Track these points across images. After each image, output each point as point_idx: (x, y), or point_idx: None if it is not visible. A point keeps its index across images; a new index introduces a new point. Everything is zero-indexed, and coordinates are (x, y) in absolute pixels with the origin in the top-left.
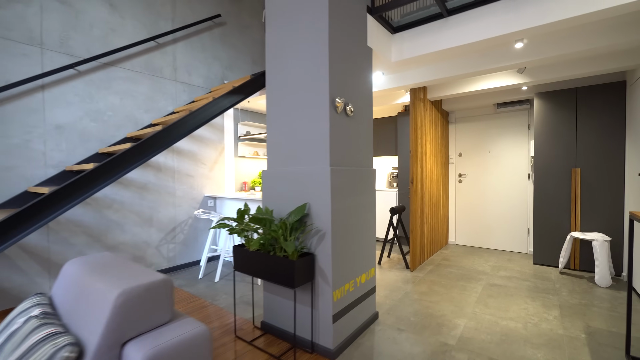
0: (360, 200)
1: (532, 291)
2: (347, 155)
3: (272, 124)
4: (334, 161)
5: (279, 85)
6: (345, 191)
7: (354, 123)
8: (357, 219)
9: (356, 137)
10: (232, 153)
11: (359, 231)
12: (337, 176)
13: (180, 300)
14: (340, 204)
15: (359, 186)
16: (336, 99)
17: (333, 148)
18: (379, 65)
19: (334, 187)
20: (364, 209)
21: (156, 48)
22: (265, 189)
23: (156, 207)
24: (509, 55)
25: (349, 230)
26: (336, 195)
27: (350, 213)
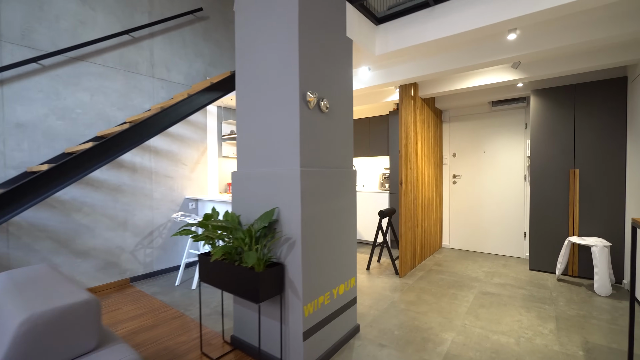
0: (339, 204)
1: (527, 300)
2: (322, 155)
3: (241, 120)
4: (306, 162)
5: (248, 78)
6: (320, 194)
7: (330, 120)
8: (335, 225)
9: (333, 135)
10: (216, 153)
11: (336, 238)
12: (308, 178)
13: (150, 310)
14: (312, 209)
15: (336, 189)
16: (308, 93)
17: (304, 147)
18: (363, 59)
19: (305, 191)
20: (342, 213)
21: (131, 42)
22: (235, 192)
23: (131, 210)
24: (502, 48)
25: (325, 238)
26: (308, 199)
27: (325, 218)
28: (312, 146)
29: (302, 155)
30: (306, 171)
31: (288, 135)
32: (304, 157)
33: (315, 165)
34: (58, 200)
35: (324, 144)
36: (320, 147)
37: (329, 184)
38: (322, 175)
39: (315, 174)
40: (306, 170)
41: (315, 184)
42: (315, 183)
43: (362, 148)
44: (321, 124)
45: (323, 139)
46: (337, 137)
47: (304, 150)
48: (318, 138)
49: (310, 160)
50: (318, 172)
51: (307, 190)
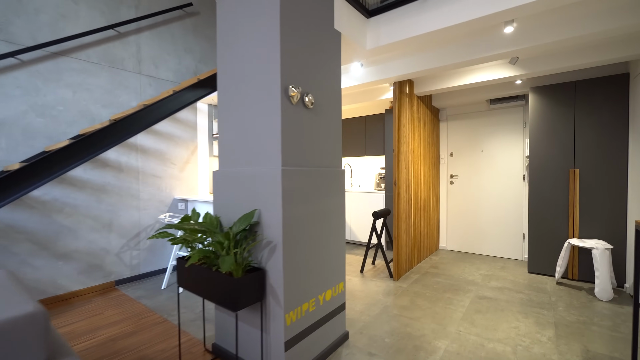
0: (326, 205)
1: (525, 305)
2: (307, 153)
3: (222, 117)
4: (289, 160)
5: (229, 73)
6: (304, 195)
7: (317, 117)
8: (322, 227)
9: (319, 132)
10: (207, 152)
11: (323, 241)
12: (291, 178)
13: (132, 316)
14: (296, 210)
15: (323, 189)
16: (290, 88)
17: (286, 145)
18: (354, 54)
19: (287, 191)
20: (330, 215)
21: (117, 38)
22: (216, 193)
23: (117, 210)
24: (499, 42)
25: (310, 241)
26: (290, 200)
27: (311, 220)
28: (295, 144)
29: (284, 154)
30: (288, 170)
31: (269, 132)
32: (287, 155)
33: (299, 164)
34: (38, 201)
35: (310, 141)
36: (305, 145)
37: (315, 184)
38: (307, 175)
39: (299, 174)
40: (289, 170)
41: (299, 184)
42: (299, 183)
43: (358, 147)
44: (306, 120)
45: (308, 137)
46: (324, 135)
47: (287, 148)
48: (302, 135)
49: (293, 158)
50: (302, 171)
51: (289, 191)
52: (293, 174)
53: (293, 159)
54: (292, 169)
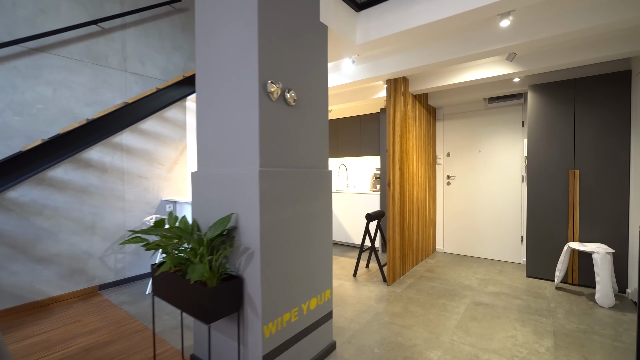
0: (310, 208)
1: (523, 312)
2: (290, 153)
3: (200, 115)
4: (268, 161)
5: (208, 68)
6: (286, 198)
7: (300, 114)
8: (305, 232)
9: (303, 131)
10: (196, 152)
11: (307, 247)
12: (270, 179)
13: (112, 323)
14: (275, 214)
15: (308, 191)
16: (269, 83)
17: (265, 144)
18: (343, 50)
19: (266, 194)
20: (315, 218)
21: (100, 34)
22: (194, 196)
23: (100, 212)
24: (495, 37)
25: (292, 247)
26: (269, 204)
27: (293, 224)
28: (276, 143)
29: (262, 154)
30: (267, 171)
31: (247, 131)
32: (266, 155)
33: (280, 164)
34: (15, 203)
35: (292, 141)
36: (287, 145)
37: (298, 185)
38: (289, 176)
39: (280, 175)
40: (267, 171)
41: (279, 186)
42: (280, 185)
43: (353, 147)
44: (288, 118)
45: (290, 136)
46: (309, 134)
47: (265, 147)
48: (284, 134)
49: (273, 159)
50: (283, 172)
51: (268, 193)
52: (272, 175)
53: (273, 160)
54: (271, 170)
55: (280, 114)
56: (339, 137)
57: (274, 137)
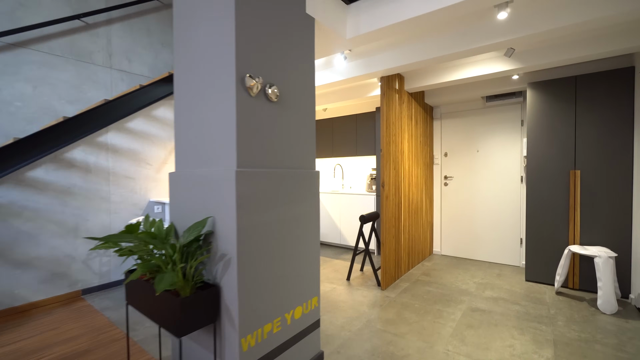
0: (295, 211)
1: (522, 319)
2: (271, 153)
3: (178, 111)
4: (246, 161)
5: (185, 61)
6: (267, 200)
7: (283, 111)
8: (289, 236)
9: (287, 129)
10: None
11: (291, 252)
12: (249, 181)
13: (91, 330)
14: (254, 218)
15: (292, 193)
16: (247, 77)
17: (243, 143)
18: (334, 44)
19: (243, 196)
20: (301, 222)
21: (84, 29)
22: (172, 198)
23: (84, 214)
24: (492, 31)
25: (273, 253)
26: (247, 207)
27: (274, 229)
28: (256, 142)
29: (240, 153)
30: (245, 172)
31: (223, 129)
32: (244, 155)
33: (260, 165)
34: None
35: (275, 139)
36: (269, 144)
37: (281, 187)
38: (270, 177)
39: (260, 176)
40: (245, 172)
41: (259, 188)
42: (260, 186)
43: (349, 147)
44: (269, 115)
45: (273, 134)
46: (294, 132)
47: (244, 146)
48: (265, 132)
49: (253, 158)
50: (264, 173)
51: (246, 196)
52: (252, 176)
53: (253, 159)
54: (250, 171)
55: (260, 110)
56: (334, 137)
57: (253, 136)
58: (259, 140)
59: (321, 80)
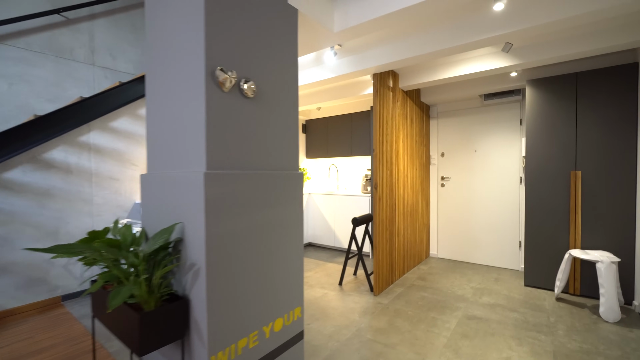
0: (275, 216)
1: (520, 328)
2: (248, 153)
3: (150, 108)
4: (218, 162)
5: (156, 53)
6: (241, 204)
7: (261, 108)
8: (269, 243)
9: (266, 128)
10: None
11: (270, 260)
12: (220, 183)
13: (66, 340)
14: (227, 224)
15: (271, 196)
16: (218, 71)
17: (214, 142)
18: (321, 38)
19: (213, 200)
20: (282, 227)
21: (64, 24)
22: (144, 201)
23: (64, 217)
24: (488, 24)
25: (250, 261)
26: (218, 212)
27: (251, 236)
28: (229, 141)
29: (210, 153)
30: (217, 174)
31: (192, 127)
32: (215, 155)
33: (235, 166)
34: None
35: (252, 139)
36: (245, 143)
37: (259, 190)
38: (247, 180)
39: (234, 178)
40: (217, 174)
41: (233, 191)
42: (234, 189)
43: (344, 147)
44: (245, 112)
45: (249, 133)
46: (275, 131)
47: (215, 146)
48: (240, 131)
49: (226, 159)
50: (239, 175)
51: (217, 200)
52: (223, 178)
53: (226, 160)
54: (222, 173)
55: (235, 107)
56: (329, 136)
57: (226, 135)
58: (234, 139)
59: (311, 77)
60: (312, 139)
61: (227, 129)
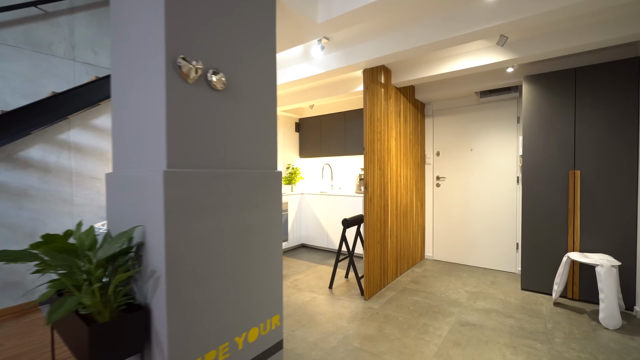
0: (249, 218)
1: (515, 335)
2: (217, 150)
3: (115, 103)
4: (180, 159)
5: (120, 42)
6: (209, 206)
7: (233, 102)
8: (242, 248)
9: (239, 123)
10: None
11: (244, 266)
12: (183, 183)
13: (35, 349)
14: (192, 227)
15: (245, 197)
16: (181, 60)
17: (176, 138)
18: (305, 30)
19: (175, 201)
20: (257, 231)
21: (42, 18)
22: (108, 202)
23: (42, 218)
24: (481, 14)
25: (220, 267)
26: (180, 214)
27: (222, 240)
28: (194, 137)
29: (171, 150)
30: (179, 173)
31: (154, 121)
32: (178, 152)
33: (201, 164)
34: None
35: (222, 135)
36: (214, 140)
37: (231, 190)
38: (215, 179)
39: (201, 177)
40: (179, 172)
41: (200, 192)
42: (201, 190)
43: (337, 146)
44: (214, 106)
45: (219, 128)
46: (249, 127)
47: (177, 142)
48: (208, 126)
49: (190, 157)
50: (207, 174)
51: (179, 201)
52: (187, 177)
53: (190, 158)
54: (185, 172)
55: (202, 100)
56: (322, 135)
57: (192, 130)
58: (201, 135)
59: (300, 73)
60: (305, 137)
61: (192, 124)
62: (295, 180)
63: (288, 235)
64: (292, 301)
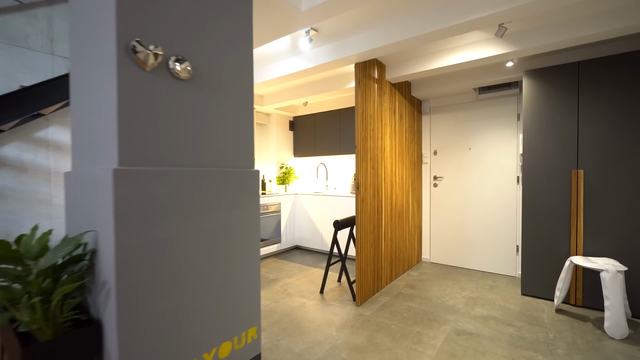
0: (219, 221)
1: (515, 346)
2: (180, 146)
3: (73, 94)
4: (135, 156)
5: (77, 30)
6: (169, 208)
7: (202, 94)
8: (210, 254)
9: (208, 117)
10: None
11: (213, 274)
12: (136, 183)
13: None
14: (146, 233)
15: (215, 198)
16: (135, 44)
17: (130, 132)
18: (288, 19)
19: (127, 203)
20: (228, 234)
21: (17, 9)
22: (67, 204)
23: (18, 220)
24: (477, 1)
25: (184, 276)
26: (134, 218)
27: (186, 246)
28: (153, 132)
29: (123, 146)
30: (130, 172)
31: (106, 113)
32: (131, 148)
33: (162, 162)
34: None
35: (188, 129)
36: (177, 135)
37: (197, 191)
38: (179, 179)
39: (160, 177)
40: (130, 171)
41: (157, 192)
42: (160, 191)
43: (332, 145)
44: (179, 98)
45: (184, 122)
46: (220, 121)
47: (131, 136)
48: (171, 120)
49: (148, 154)
50: (168, 173)
51: (132, 202)
52: (142, 176)
53: (147, 155)
54: (139, 170)
55: (162, 91)
56: (317, 134)
57: (150, 123)
58: (161, 130)
59: (289, 68)
60: (299, 136)
61: (151, 117)
62: (289, 180)
63: (281, 237)
64: (281, 307)
